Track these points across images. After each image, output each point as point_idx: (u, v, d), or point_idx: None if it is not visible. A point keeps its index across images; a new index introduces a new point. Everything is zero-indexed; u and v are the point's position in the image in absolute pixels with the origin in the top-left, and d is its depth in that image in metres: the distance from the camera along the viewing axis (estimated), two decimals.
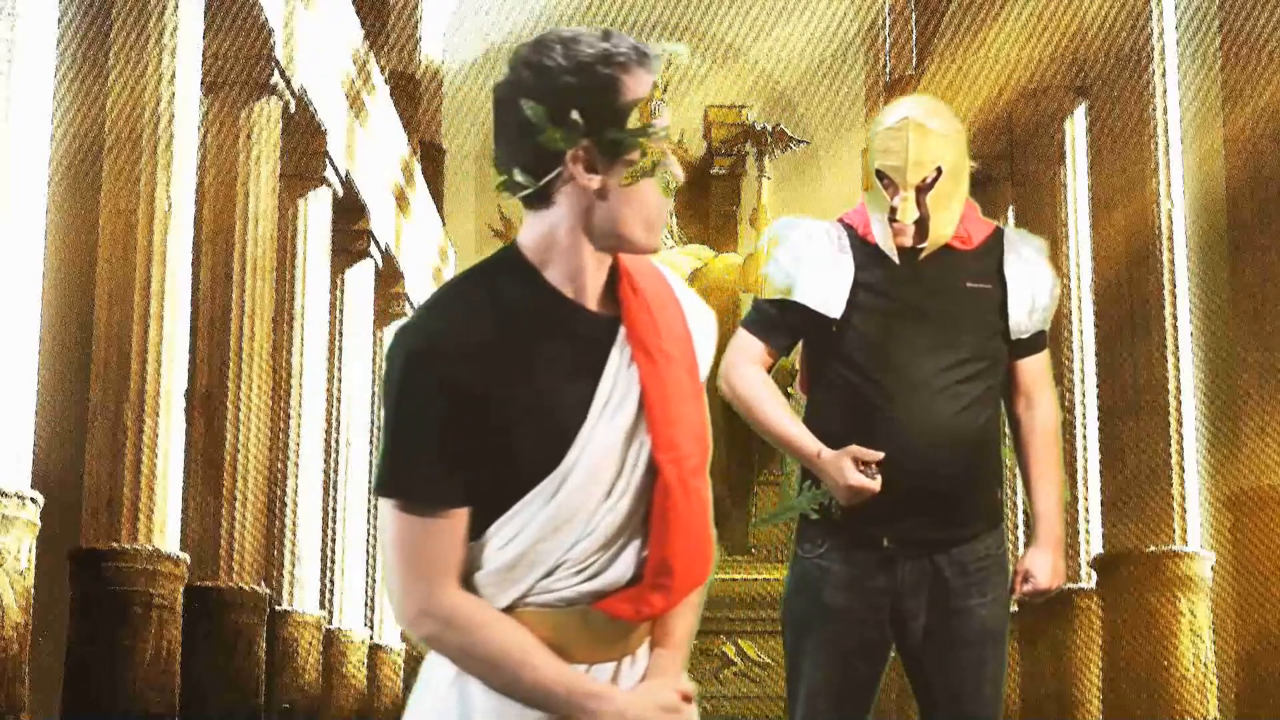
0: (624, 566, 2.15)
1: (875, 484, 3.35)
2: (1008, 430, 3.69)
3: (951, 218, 3.52)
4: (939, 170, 3.48)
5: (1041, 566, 3.56)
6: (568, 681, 2.12)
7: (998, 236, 3.61)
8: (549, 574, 2.13)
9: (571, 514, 2.11)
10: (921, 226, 3.49)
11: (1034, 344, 3.62)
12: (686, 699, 2.20)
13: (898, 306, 3.51)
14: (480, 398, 2.07)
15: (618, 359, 2.15)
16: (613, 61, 2.09)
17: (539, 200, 2.16)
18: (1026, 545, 3.68)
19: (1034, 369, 3.63)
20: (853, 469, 3.35)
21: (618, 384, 2.14)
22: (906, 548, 3.48)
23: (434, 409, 2.07)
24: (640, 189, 2.13)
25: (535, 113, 2.09)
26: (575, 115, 2.08)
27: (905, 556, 3.48)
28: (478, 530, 2.12)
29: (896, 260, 3.51)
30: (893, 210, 3.49)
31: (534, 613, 2.13)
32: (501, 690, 2.13)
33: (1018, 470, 3.70)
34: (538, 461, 2.10)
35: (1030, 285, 3.57)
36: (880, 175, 3.51)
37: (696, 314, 2.30)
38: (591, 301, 2.17)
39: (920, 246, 3.51)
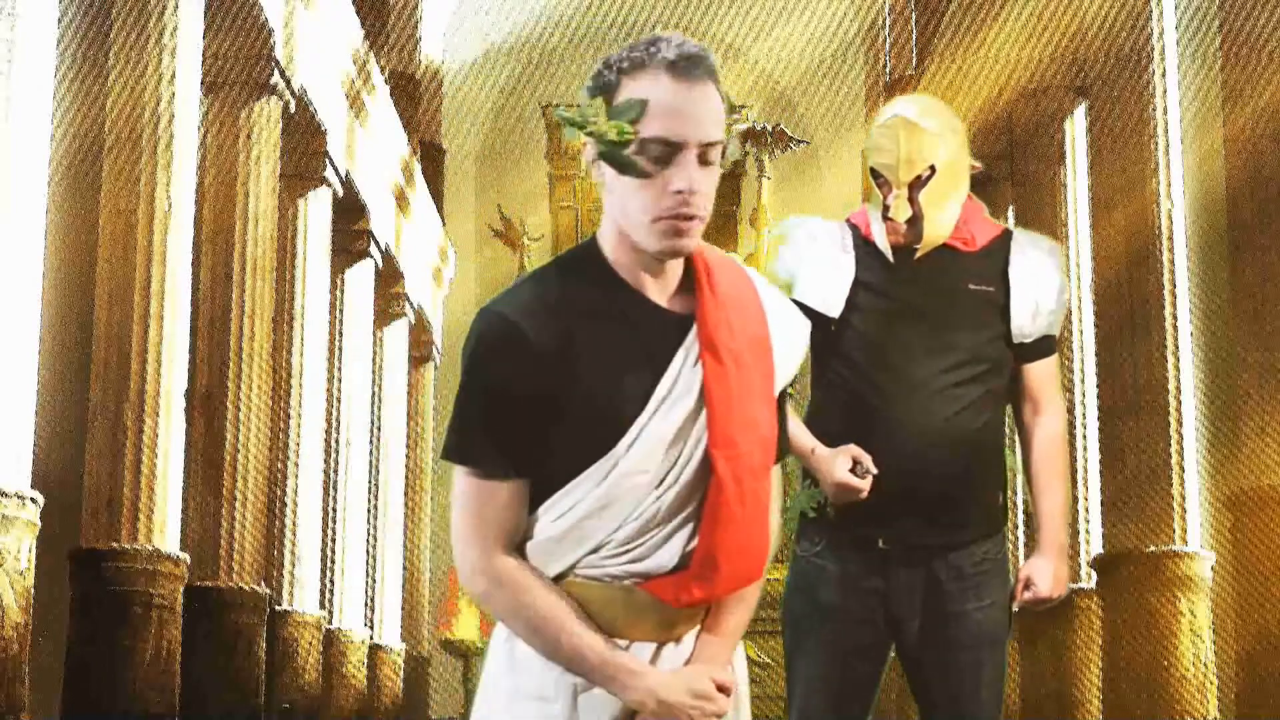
0: (670, 553, 2.24)
1: (864, 484, 3.33)
2: (1015, 435, 3.67)
3: (947, 217, 3.49)
4: (932, 168, 3.46)
5: (1043, 574, 3.53)
6: (603, 653, 2.22)
7: (1005, 239, 3.57)
8: (594, 551, 2.24)
9: (619, 498, 2.22)
10: (916, 225, 3.47)
11: (1041, 348, 3.58)
12: (723, 690, 2.26)
13: (896, 307, 3.50)
14: (542, 385, 2.20)
15: (683, 357, 2.25)
16: (618, 65, 2.23)
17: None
18: (1028, 552, 3.68)
19: (1041, 374, 3.59)
20: (843, 466, 3.34)
21: (679, 380, 2.24)
22: (902, 549, 3.47)
23: (496, 390, 2.22)
24: (626, 187, 2.22)
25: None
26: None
27: (900, 558, 3.47)
28: (533, 503, 2.26)
29: (891, 258, 3.50)
30: (886, 208, 3.48)
31: (580, 584, 2.25)
32: (542, 651, 2.25)
33: (1021, 475, 3.67)
34: (591, 446, 2.22)
35: (1035, 289, 3.53)
36: (875, 174, 3.51)
37: (784, 322, 2.38)
38: (663, 296, 2.28)
39: (916, 246, 3.49)
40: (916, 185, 3.47)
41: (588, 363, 2.21)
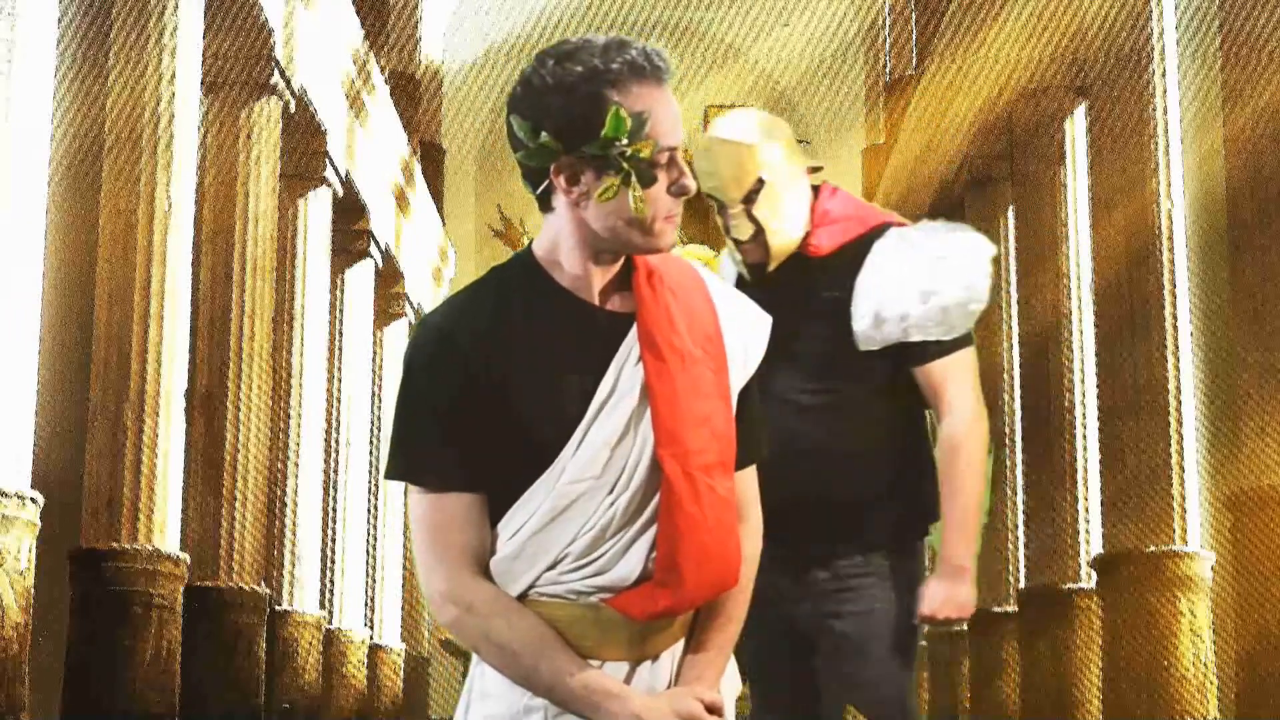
0: (632, 563, 2.16)
1: None
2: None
3: (792, 225, 3.39)
4: (760, 181, 3.37)
5: (930, 596, 3.37)
6: (585, 678, 2.13)
7: (870, 238, 3.40)
8: (552, 566, 2.15)
9: (570, 507, 2.14)
10: (761, 240, 3.40)
11: (920, 352, 3.37)
12: (713, 710, 2.18)
13: None
14: (486, 388, 2.14)
15: (624, 356, 2.18)
16: (601, 78, 2.14)
17: (544, 206, 2.23)
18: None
19: (930, 378, 3.38)
20: None
21: (621, 380, 2.17)
22: (787, 553, 3.34)
23: (442, 397, 2.14)
24: (626, 198, 2.15)
25: (521, 129, 2.16)
26: (547, 135, 2.13)
27: (788, 561, 3.36)
28: (493, 520, 2.18)
29: (749, 278, 3.45)
30: (727, 229, 3.42)
31: (545, 603, 2.16)
32: (518, 680, 2.16)
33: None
34: (539, 453, 2.15)
35: (878, 293, 3.35)
36: (709, 198, 3.43)
37: (740, 316, 2.32)
38: (605, 300, 2.22)
39: (768, 260, 3.42)
40: (750, 201, 3.38)
41: (526, 368, 2.15)
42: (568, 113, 2.13)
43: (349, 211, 14.46)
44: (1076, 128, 11.70)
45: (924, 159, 14.96)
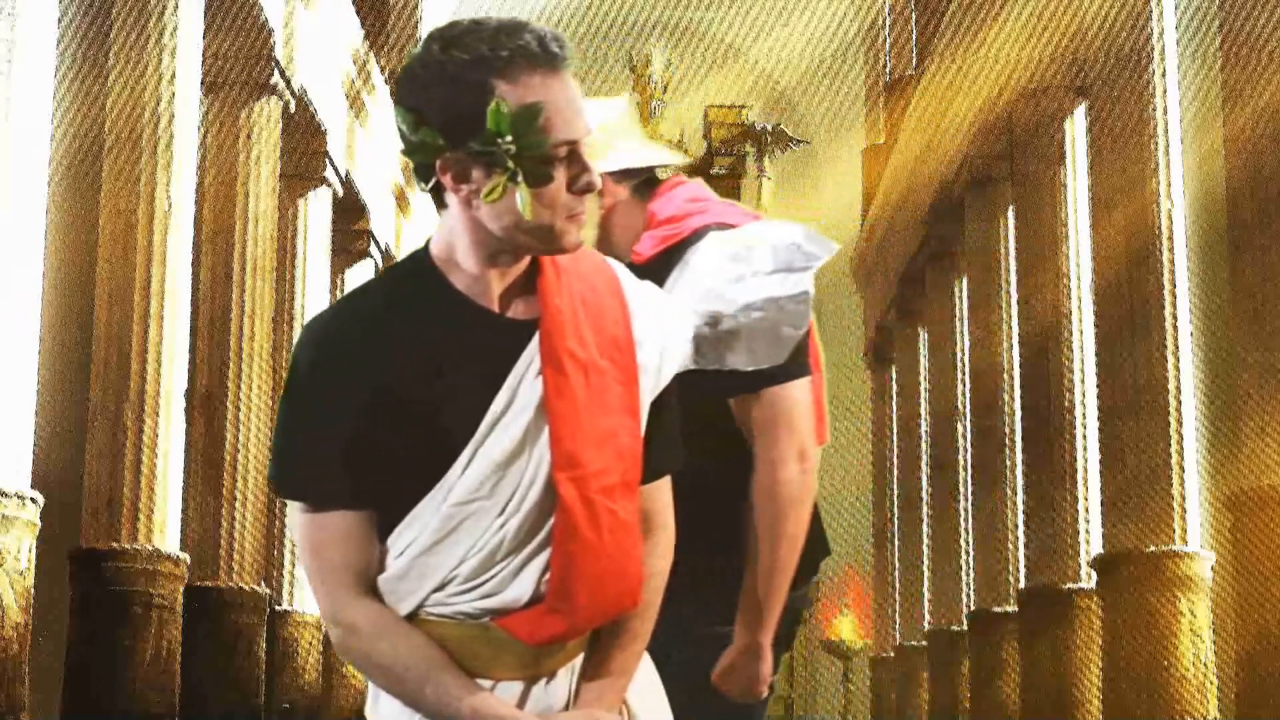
0: (524, 586, 2.03)
1: None
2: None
3: (606, 234, 2.90)
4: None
5: (719, 663, 2.79)
6: (474, 701, 2.01)
7: (685, 245, 2.81)
8: (440, 588, 2.03)
9: (458, 529, 2.01)
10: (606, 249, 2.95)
11: (726, 383, 2.73)
12: None
13: None
14: (371, 399, 2.00)
15: (523, 367, 2.03)
16: (488, 66, 1.96)
17: (438, 203, 2.07)
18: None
19: (754, 413, 2.75)
20: None
21: (518, 394, 2.02)
22: None
23: (323, 407, 2.00)
24: (514, 195, 1.99)
25: (404, 121, 2.01)
26: (428, 129, 1.98)
27: None
28: (382, 536, 2.05)
29: None
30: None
31: (434, 622, 2.04)
32: (406, 702, 2.06)
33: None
34: (427, 469, 2.01)
35: (675, 309, 2.75)
36: None
37: (656, 317, 2.15)
38: (505, 305, 2.06)
39: None
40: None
41: (415, 379, 1.99)
42: (452, 104, 1.96)
43: (349, 211, 14.46)
44: (1076, 128, 11.70)
45: (924, 159, 14.97)
